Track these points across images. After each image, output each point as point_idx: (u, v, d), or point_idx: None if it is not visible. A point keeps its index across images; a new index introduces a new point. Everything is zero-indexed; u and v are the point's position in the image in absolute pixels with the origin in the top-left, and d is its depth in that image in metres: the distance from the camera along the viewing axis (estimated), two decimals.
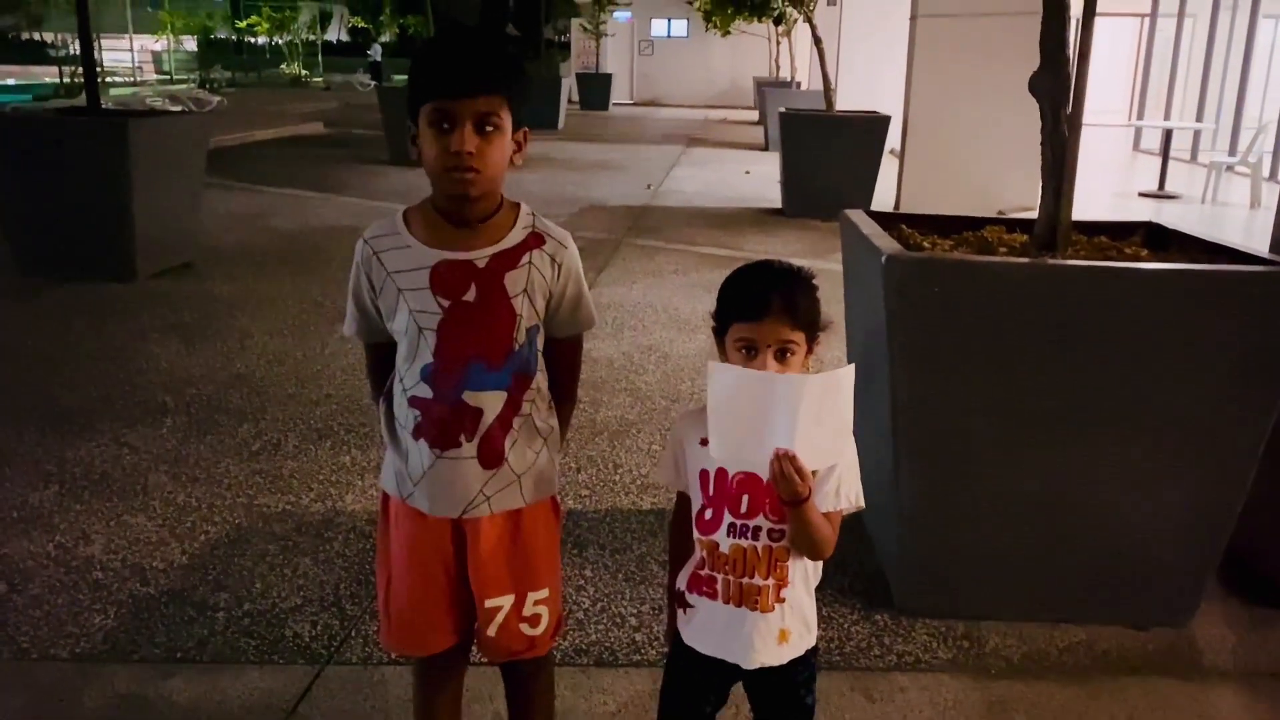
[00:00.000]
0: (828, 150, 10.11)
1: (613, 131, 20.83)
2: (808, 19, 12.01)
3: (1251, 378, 2.76)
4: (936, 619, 3.05)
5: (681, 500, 1.96)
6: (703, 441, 1.83)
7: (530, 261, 1.86)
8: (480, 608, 1.96)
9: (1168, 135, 12.82)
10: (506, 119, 1.78)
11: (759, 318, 1.74)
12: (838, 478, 1.77)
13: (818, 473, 1.73)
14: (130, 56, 35.20)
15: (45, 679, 2.73)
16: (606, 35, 28.61)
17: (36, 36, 36.03)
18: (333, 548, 3.43)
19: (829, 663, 2.81)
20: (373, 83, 28.20)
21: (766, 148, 16.84)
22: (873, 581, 3.24)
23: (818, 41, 11.50)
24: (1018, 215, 3.61)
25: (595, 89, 27.17)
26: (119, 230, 6.82)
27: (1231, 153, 13.91)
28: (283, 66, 38.56)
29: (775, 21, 16.66)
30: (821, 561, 1.86)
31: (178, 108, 16.34)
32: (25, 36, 36.31)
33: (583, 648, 2.88)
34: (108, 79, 26.91)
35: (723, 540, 1.82)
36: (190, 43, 38.15)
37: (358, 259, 1.90)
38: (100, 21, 29.44)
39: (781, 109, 11.38)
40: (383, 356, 1.97)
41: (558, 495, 2.05)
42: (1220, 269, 2.82)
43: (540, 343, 1.94)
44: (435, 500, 1.90)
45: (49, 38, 34.68)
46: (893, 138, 10.33)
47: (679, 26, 32.65)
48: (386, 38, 31.74)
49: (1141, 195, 12.18)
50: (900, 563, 3.12)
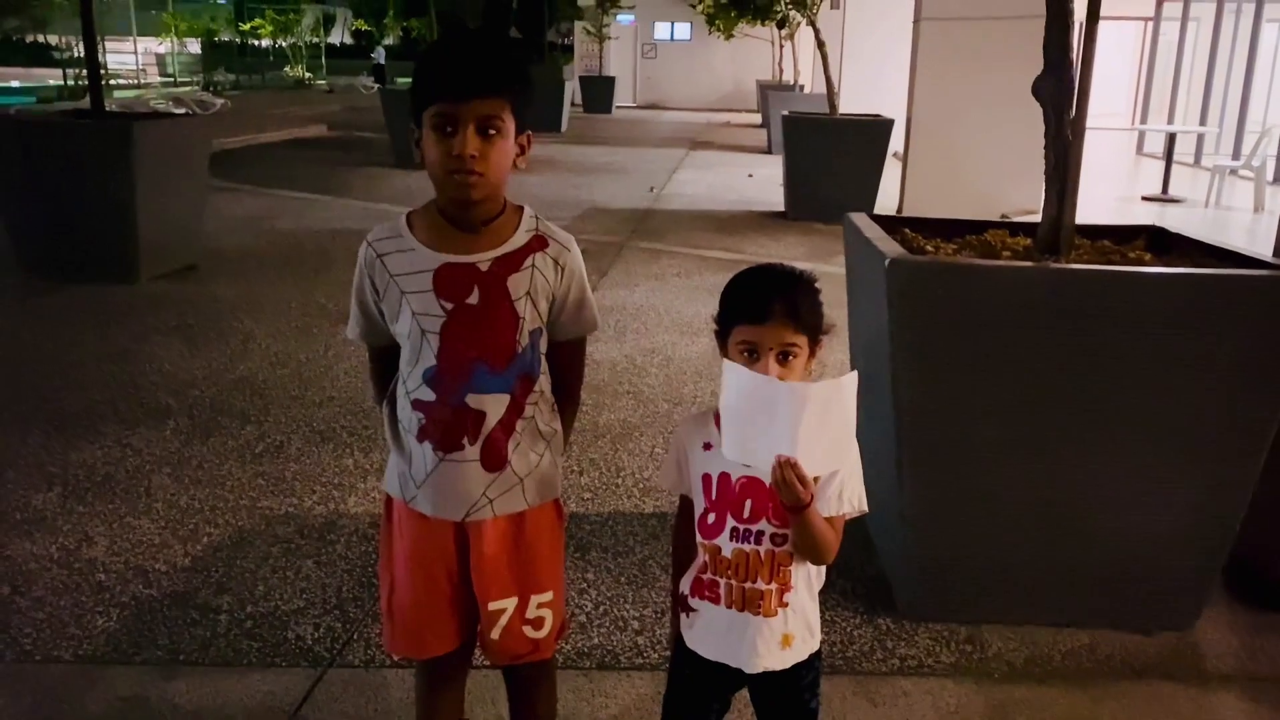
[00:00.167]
0: (831, 153, 10.12)
1: (616, 134, 20.84)
2: (811, 22, 12.04)
3: (1255, 382, 2.76)
4: (939, 623, 3.05)
5: (684, 504, 1.95)
6: (706, 445, 1.83)
7: (533, 264, 1.86)
8: (483, 611, 1.96)
9: (1171, 139, 12.81)
10: (509, 122, 1.78)
11: (761, 321, 1.74)
12: (840, 482, 1.77)
13: (820, 478, 1.73)
14: (134, 59, 35.30)
15: (48, 681, 2.73)
16: (610, 38, 28.67)
17: (41, 39, 36.11)
18: (335, 550, 3.44)
19: (831, 666, 2.80)
20: (376, 85, 28.23)
21: (769, 151, 16.85)
22: (875, 585, 3.24)
23: (821, 45, 11.51)
24: (1021, 219, 3.61)
25: (598, 92, 27.20)
26: (122, 232, 6.84)
27: (1235, 157, 13.90)
28: (286, 69, 38.63)
29: (778, 25, 16.70)
30: (824, 566, 1.86)
31: (181, 110, 16.35)
32: (30, 39, 36.39)
33: (585, 651, 2.88)
34: (111, 81, 26.96)
35: (725, 544, 1.81)
36: (194, 45, 38.21)
37: (361, 262, 1.90)
38: (104, 24, 29.44)
39: (784, 112, 11.39)
40: (386, 359, 1.97)
41: (561, 498, 2.04)
42: (1224, 273, 2.82)
43: (543, 346, 1.94)
44: (438, 503, 1.90)
45: (53, 40, 34.76)
46: (896, 141, 10.33)
47: (682, 29, 32.68)
48: (390, 40, 31.85)
49: (1145, 199, 12.17)
50: (903, 566, 3.12)
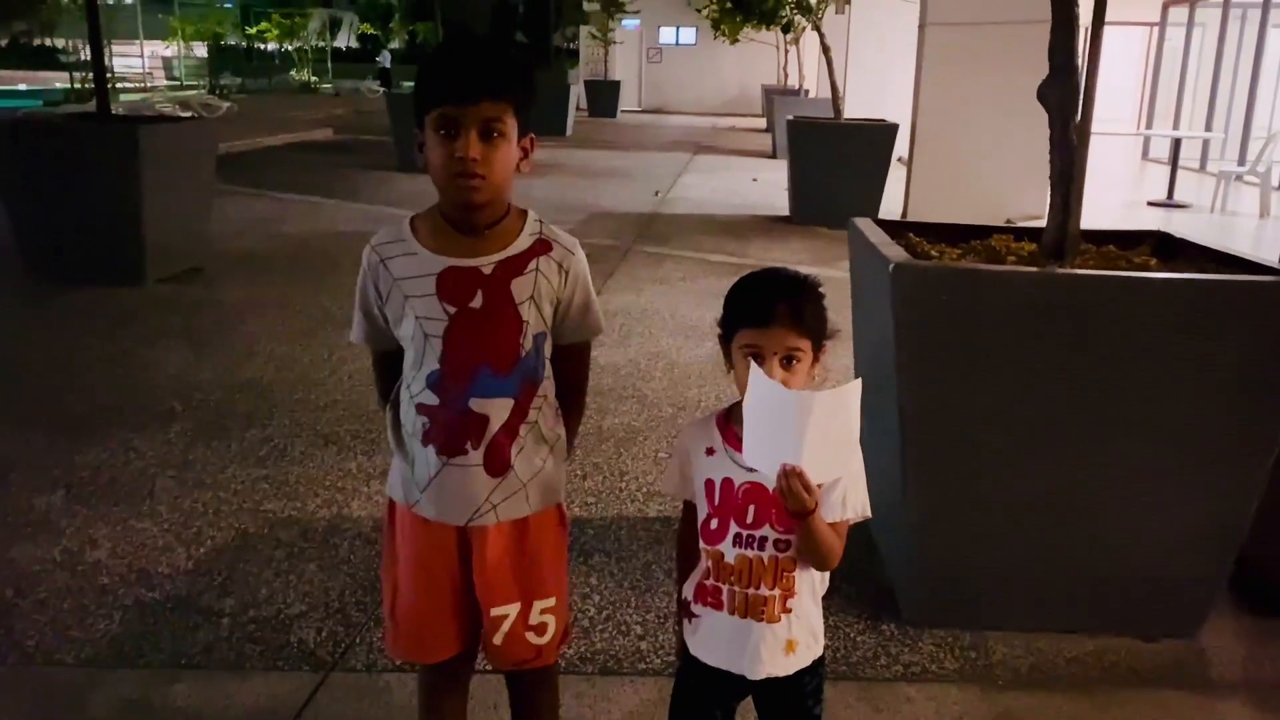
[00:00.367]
0: (835, 158, 10.11)
1: (621, 138, 20.86)
2: (816, 27, 12.03)
3: (1260, 387, 2.75)
4: (943, 629, 3.04)
5: (688, 509, 1.95)
6: (709, 450, 1.83)
7: (537, 268, 1.86)
8: (486, 616, 1.95)
9: (1176, 144, 12.79)
10: (512, 125, 1.77)
11: (765, 325, 1.73)
12: (844, 488, 1.76)
13: (823, 484, 1.72)
14: (141, 62, 35.40)
15: (50, 684, 2.73)
16: (615, 43, 28.72)
17: (48, 42, 36.25)
18: (338, 554, 3.43)
19: (835, 673, 2.79)
20: (382, 89, 28.29)
21: (774, 155, 16.85)
22: (879, 591, 3.22)
23: (826, 49, 11.50)
24: (1026, 224, 3.60)
25: (603, 96, 27.24)
26: (128, 235, 6.85)
27: (1240, 162, 13.88)
28: (292, 73, 38.73)
29: (783, 29, 16.68)
30: (828, 571, 1.85)
31: (188, 113, 16.39)
32: (37, 42, 36.53)
33: (588, 656, 2.87)
34: (118, 85, 27.03)
35: (728, 550, 1.81)
36: (200, 49, 38.31)
37: (364, 266, 1.90)
38: (111, 27, 29.65)
39: (789, 116, 11.40)
40: (390, 363, 1.97)
41: (564, 503, 2.04)
42: (1229, 279, 2.81)
43: (548, 350, 1.93)
44: (442, 507, 1.90)
45: (60, 43, 34.91)
46: (901, 146, 10.32)
47: (687, 34, 32.70)
48: (396, 44, 31.91)
49: (1150, 204, 12.15)
50: (907, 572, 3.11)
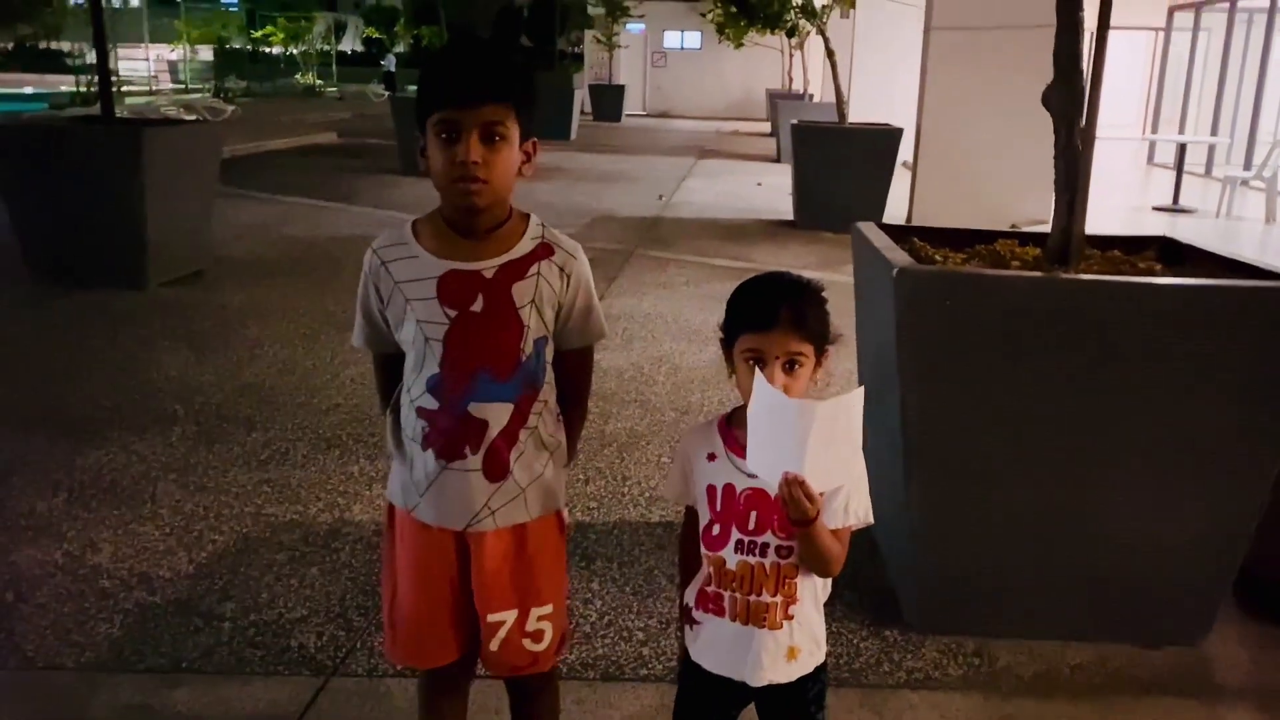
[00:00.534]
0: (840, 162, 10.11)
1: (625, 142, 20.87)
2: (820, 31, 12.03)
3: (1266, 394, 2.73)
4: (947, 635, 3.02)
5: (690, 515, 1.94)
6: (710, 456, 1.82)
7: (539, 272, 1.85)
8: (483, 622, 1.94)
9: (1182, 149, 12.77)
10: (514, 129, 1.77)
11: (767, 329, 1.72)
12: (846, 494, 1.75)
13: (825, 492, 1.71)
14: (146, 66, 35.50)
15: (50, 688, 2.72)
16: (619, 47, 28.74)
17: (54, 46, 36.34)
18: (339, 558, 3.43)
19: (837, 679, 2.78)
20: (386, 93, 28.32)
21: (778, 159, 16.85)
22: (882, 597, 3.21)
23: (830, 54, 11.50)
24: (1031, 229, 3.59)
25: (608, 100, 27.26)
26: (131, 238, 6.85)
27: (1246, 167, 13.85)
28: (297, 76, 38.79)
29: (788, 34, 16.70)
30: (830, 578, 1.84)
31: (192, 117, 16.43)
32: (44, 46, 36.61)
33: (589, 661, 2.86)
34: (124, 88, 27.10)
35: (730, 557, 1.80)
36: (206, 52, 38.40)
37: (366, 269, 1.89)
38: (117, 31, 29.74)
39: (794, 121, 11.38)
40: (391, 367, 1.96)
41: (564, 509, 2.03)
42: (1235, 284, 2.80)
43: (549, 355, 1.93)
44: (440, 511, 1.89)
45: (66, 47, 34.98)
46: (905, 150, 10.31)
47: (692, 38, 32.73)
48: (401, 48, 31.94)
49: (1156, 210, 12.13)
50: (910, 578, 3.10)
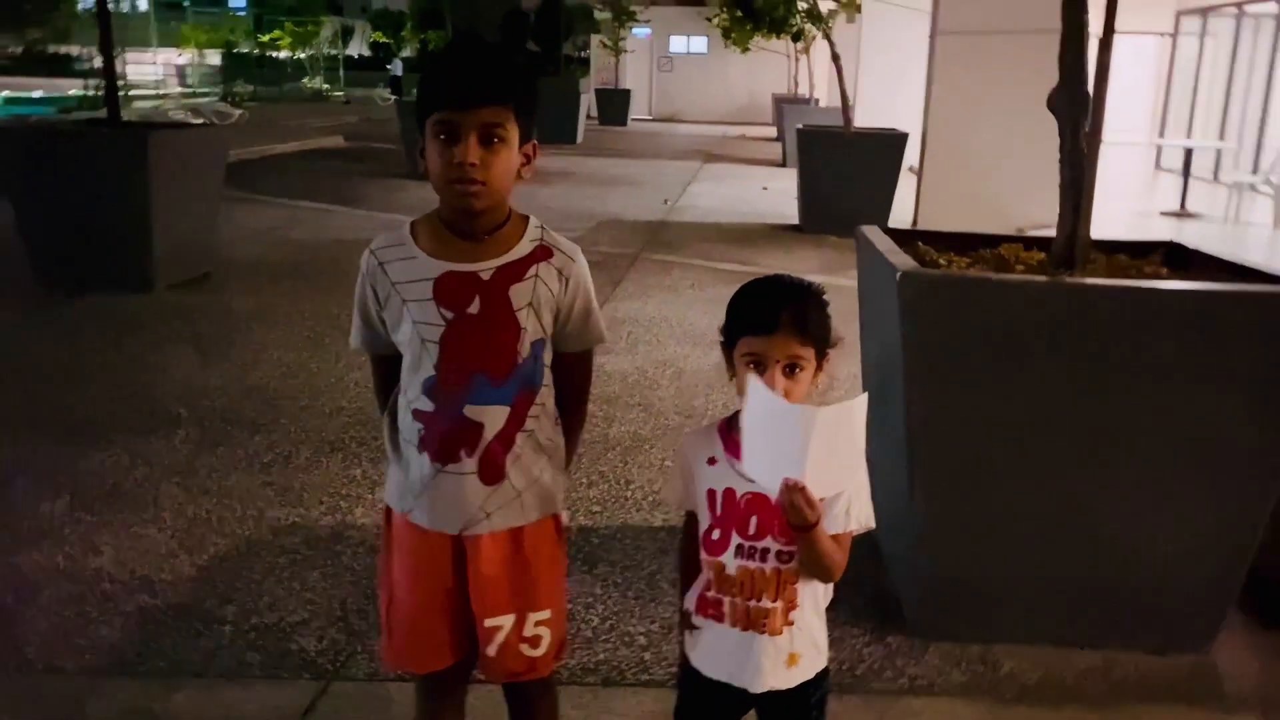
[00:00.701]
0: (845, 167, 10.11)
1: (631, 147, 20.87)
2: (826, 36, 12.00)
3: (1272, 399, 2.72)
4: (950, 641, 3.00)
5: (690, 520, 1.92)
6: (710, 460, 1.81)
7: (537, 275, 1.84)
8: (480, 627, 1.93)
9: (1189, 154, 12.73)
10: (513, 130, 1.76)
11: (768, 332, 1.71)
12: (847, 499, 1.74)
13: (825, 498, 1.70)
14: (154, 70, 35.64)
15: (51, 692, 2.72)
16: (626, 51, 28.74)
17: (63, 50, 36.49)
18: (341, 562, 3.42)
19: (840, 685, 2.75)
20: (393, 97, 28.36)
21: (784, 164, 16.82)
22: (885, 602, 3.19)
23: (836, 58, 11.47)
24: (1036, 233, 3.57)
25: (614, 104, 27.27)
26: (137, 242, 6.86)
27: (1254, 172, 13.80)
28: (304, 81, 38.89)
29: (794, 38, 16.65)
30: (831, 584, 1.83)
31: (199, 121, 16.46)
32: (52, 50, 36.77)
33: (590, 666, 2.85)
34: (131, 92, 27.16)
35: (730, 562, 1.78)
36: (213, 57, 38.53)
37: (363, 269, 1.89)
38: (125, 35, 29.82)
39: (799, 125, 11.38)
40: (389, 369, 1.96)
41: (562, 513, 2.01)
42: (1241, 289, 2.79)
43: (547, 358, 1.92)
44: (435, 515, 1.88)
45: (75, 51, 35.13)
46: (911, 155, 10.29)
47: (698, 43, 32.72)
48: (408, 52, 31.98)
49: (1163, 214, 12.09)
50: (914, 584, 3.08)
